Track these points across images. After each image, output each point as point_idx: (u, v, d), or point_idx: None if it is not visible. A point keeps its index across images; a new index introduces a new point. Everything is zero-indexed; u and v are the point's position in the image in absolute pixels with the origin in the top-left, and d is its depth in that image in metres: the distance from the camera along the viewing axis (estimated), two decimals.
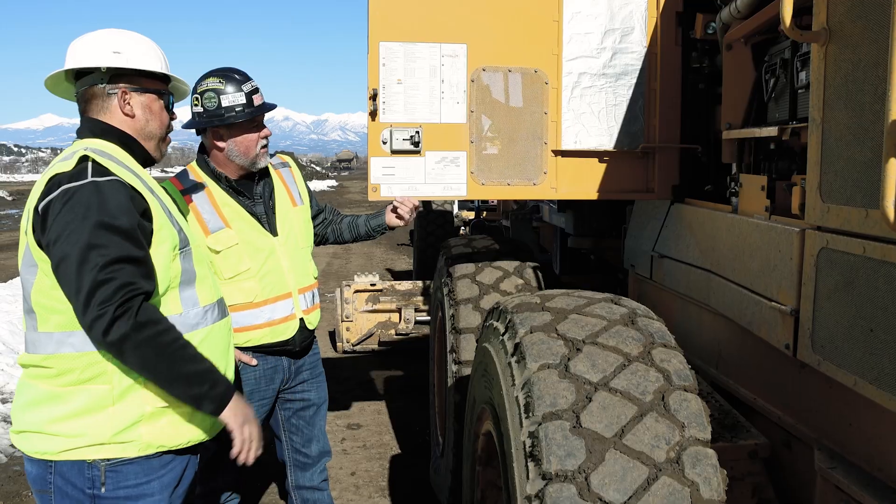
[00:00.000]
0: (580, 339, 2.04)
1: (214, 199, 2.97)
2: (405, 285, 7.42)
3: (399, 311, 7.28)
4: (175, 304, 2.16)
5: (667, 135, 3.28)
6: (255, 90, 2.97)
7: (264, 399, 3.14)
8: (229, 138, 2.95)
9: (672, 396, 1.89)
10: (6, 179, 67.09)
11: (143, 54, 2.24)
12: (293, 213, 3.17)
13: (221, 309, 2.36)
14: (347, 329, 7.35)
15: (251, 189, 3.07)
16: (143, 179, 2.15)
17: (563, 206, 4.34)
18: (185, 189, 2.96)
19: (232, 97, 2.90)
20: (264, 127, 3.05)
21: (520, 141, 3.30)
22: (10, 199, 34.62)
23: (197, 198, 2.95)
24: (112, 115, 2.22)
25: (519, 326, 2.15)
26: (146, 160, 2.30)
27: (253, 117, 2.95)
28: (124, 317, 1.92)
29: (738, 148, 2.64)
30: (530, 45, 3.28)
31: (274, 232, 3.07)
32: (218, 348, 2.29)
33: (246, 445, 2.20)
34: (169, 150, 2.48)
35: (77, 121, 2.29)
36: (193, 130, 3.03)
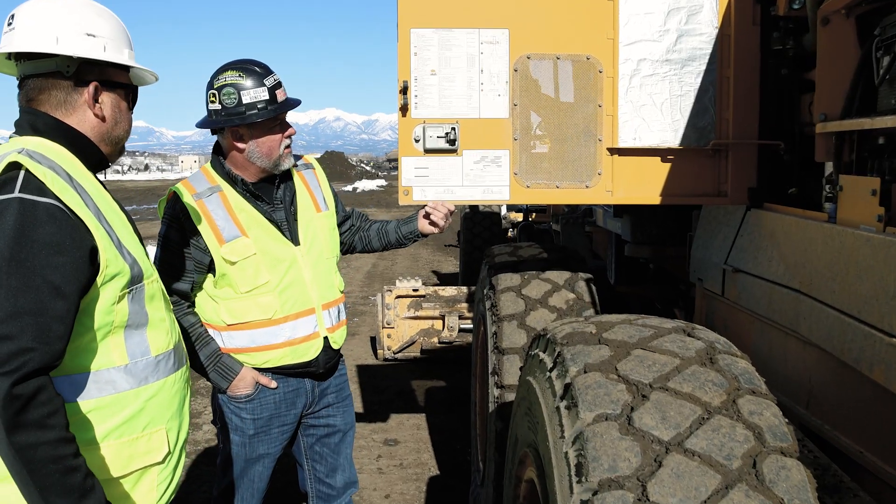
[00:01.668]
0: (646, 383, 1.63)
1: (230, 205, 2.65)
2: (449, 291, 7.08)
3: (442, 318, 6.95)
4: (119, 353, 1.75)
5: (742, 129, 2.84)
6: (278, 84, 2.64)
7: (285, 425, 2.81)
8: (250, 139, 2.63)
9: (766, 462, 1.48)
10: None
11: (118, 38, 1.85)
12: (317, 219, 2.83)
13: (178, 357, 1.96)
14: (388, 336, 7.06)
15: (270, 193, 2.74)
16: (90, 196, 1.74)
17: (620, 210, 3.92)
18: (198, 193, 2.65)
19: (253, 93, 2.58)
20: (288, 126, 2.71)
21: (570, 138, 2.93)
22: None
23: (211, 203, 2.64)
24: (74, 113, 1.81)
25: (570, 363, 1.76)
26: (99, 165, 1.90)
27: (276, 115, 2.62)
28: (8, 404, 1.49)
29: (835, 144, 2.20)
30: (581, 29, 2.90)
31: (295, 241, 2.73)
32: (171, 406, 1.89)
33: None
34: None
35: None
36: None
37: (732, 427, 1.52)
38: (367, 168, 75.11)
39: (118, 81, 1.88)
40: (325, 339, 2.80)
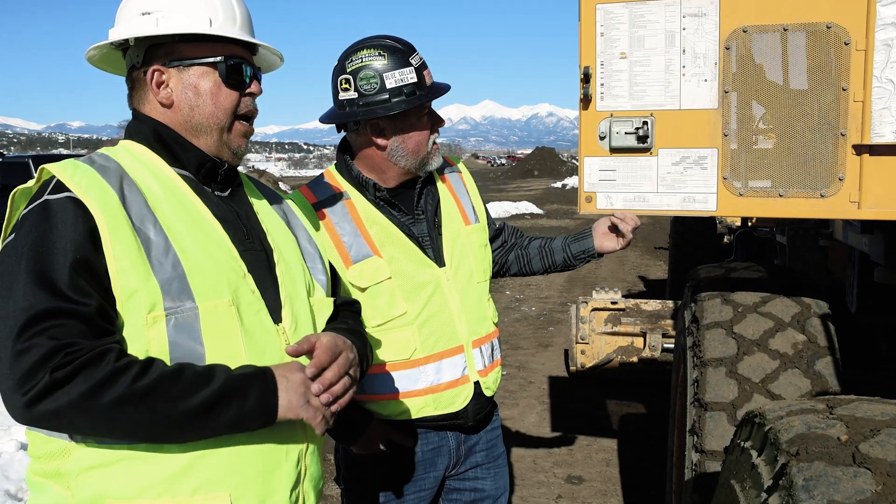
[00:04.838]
0: None
1: (359, 216, 2.18)
2: (652, 305, 6.31)
3: (644, 335, 6.19)
4: None
5: None
6: (425, 64, 2.16)
7: (423, 490, 2.30)
8: (394, 134, 2.14)
9: None
10: (294, 174, 73.59)
11: (184, 8, 1.51)
12: (465, 234, 2.30)
13: None
14: (582, 352, 6.43)
15: (410, 201, 2.24)
16: (144, 198, 1.44)
17: (870, 224, 3.07)
18: (318, 202, 2.20)
19: (399, 75, 2.09)
20: (438, 116, 2.22)
21: (800, 132, 2.26)
22: (290, 192, 37.60)
23: (334, 215, 2.18)
24: (150, 105, 1.56)
25: (802, 494, 1.11)
26: (203, 164, 1.57)
27: (425, 103, 2.14)
28: (61, 391, 1.28)
29: None
30: None
31: (440, 261, 2.22)
32: (246, 468, 1.46)
33: (317, 415, 1.46)
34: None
35: None
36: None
37: None
38: (577, 164, 74.12)
39: (196, 57, 1.54)
40: (476, 384, 2.27)
